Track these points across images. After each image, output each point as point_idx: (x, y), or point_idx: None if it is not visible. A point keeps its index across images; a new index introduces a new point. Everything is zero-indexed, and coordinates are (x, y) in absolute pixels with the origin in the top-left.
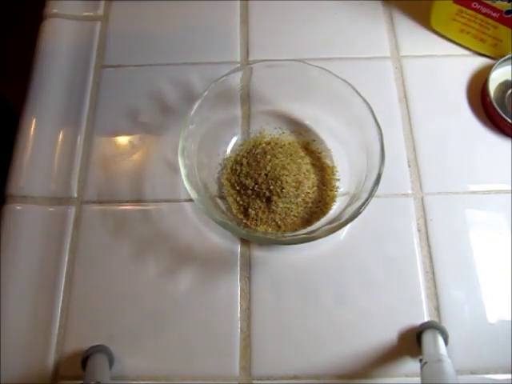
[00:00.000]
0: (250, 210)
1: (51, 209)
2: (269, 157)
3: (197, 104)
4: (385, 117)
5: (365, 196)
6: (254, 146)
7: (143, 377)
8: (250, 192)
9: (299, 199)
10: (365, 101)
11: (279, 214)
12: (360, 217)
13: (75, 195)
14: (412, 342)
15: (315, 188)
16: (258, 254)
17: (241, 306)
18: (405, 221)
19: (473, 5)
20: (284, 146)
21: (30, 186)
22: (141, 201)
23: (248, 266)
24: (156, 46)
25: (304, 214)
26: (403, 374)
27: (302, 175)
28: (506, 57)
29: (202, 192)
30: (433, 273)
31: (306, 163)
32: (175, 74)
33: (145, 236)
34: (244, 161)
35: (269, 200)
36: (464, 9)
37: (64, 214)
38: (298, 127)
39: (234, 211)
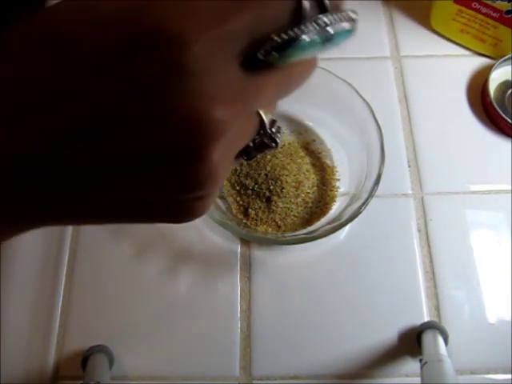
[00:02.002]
0: (250, 210)
1: None
2: (269, 157)
3: None
4: (385, 117)
5: (365, 196)
6: None
7: (143, 377)
8: (250, 192)
9: (299, 199)
10: (365, 101)
11: (279, 214)
12: (360, 217)
13: None
14: (412, 341)
15: (315, 188)
16: (258, 253)
17: (241, 306)
18: (405, 221)
19: (473, 5)
20: (284, 146)
21: None
22: None
23: (248, 266)
24: None
25: (304, 213)
26: (403, 373)
27: (302, 175)
28: (506, 57)
29: None
30: (433, 273)
31: (305, 163)
32: None
33: (145, 236)
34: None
35: (269, 200)
36: (464, 9)
37: None
38: (298, 127)
39: (234, 211)
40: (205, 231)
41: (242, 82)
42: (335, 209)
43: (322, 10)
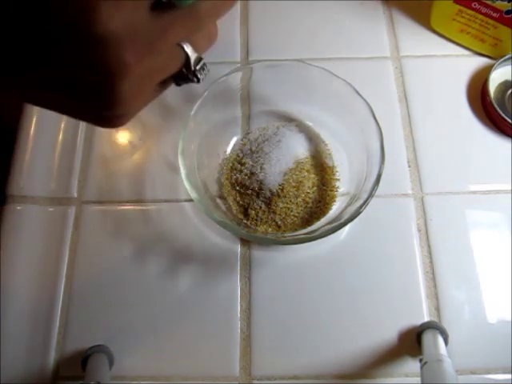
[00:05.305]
0: (249, 210)
1: (51, 209)
2: None
3: (197, 104)
4: (385, 117)
5: (365, 196)
6: None
7: (143, 377)
8: (250, 192)
9: (299, 199)
10: (365, 101)
11: (279, 214)
12: (360, 217)
13: (75, 195)
14: (412, 342)
15: (315, 188)
16: (258, 254)
17: (241, 306)
18: (405, 221)
19: (473, 5)
20: None
21: (30, 186)
22: (141, 201)
23: (248, 266)
24: None
25: (304, 214)
26: (403, 374)
27: (302, 175)
28: (506, 57)
29: (201, 192)
30: (433, 273)
31: (306, 163)
32: None
33: (145, 236)
34: None
35: (269, 200)
36: (464, 9)
37: (64, 214)
38: (298, 127)
39: (234, 211)
40: (205, 231)
41: (149, 24)
42: (335, 209)
43: None
